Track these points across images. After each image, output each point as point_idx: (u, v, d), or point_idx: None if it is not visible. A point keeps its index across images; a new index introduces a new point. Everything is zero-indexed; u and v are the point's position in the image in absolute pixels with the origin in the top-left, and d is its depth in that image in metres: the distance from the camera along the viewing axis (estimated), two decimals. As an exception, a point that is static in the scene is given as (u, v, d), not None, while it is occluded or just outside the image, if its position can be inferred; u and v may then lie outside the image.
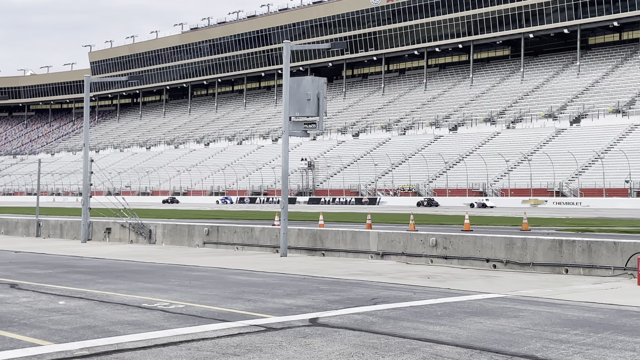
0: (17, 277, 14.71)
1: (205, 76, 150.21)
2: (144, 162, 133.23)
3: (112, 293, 12.31)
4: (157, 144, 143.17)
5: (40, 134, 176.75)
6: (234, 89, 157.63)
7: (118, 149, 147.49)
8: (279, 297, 11.97)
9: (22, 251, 22.02)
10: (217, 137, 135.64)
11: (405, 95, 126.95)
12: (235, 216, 47.96)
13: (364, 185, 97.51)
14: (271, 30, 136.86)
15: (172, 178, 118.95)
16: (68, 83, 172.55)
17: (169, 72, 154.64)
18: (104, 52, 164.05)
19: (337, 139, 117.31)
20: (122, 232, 25.95)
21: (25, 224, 30.30)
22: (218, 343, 8.22)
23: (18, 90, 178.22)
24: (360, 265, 17.42)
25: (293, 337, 8.55)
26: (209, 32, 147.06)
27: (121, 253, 21.25)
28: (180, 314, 10.18)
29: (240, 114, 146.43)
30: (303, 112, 20.08)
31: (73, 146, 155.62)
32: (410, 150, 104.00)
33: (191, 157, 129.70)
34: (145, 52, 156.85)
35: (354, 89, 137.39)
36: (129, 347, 7.98)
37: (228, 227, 23.09)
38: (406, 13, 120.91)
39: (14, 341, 8.25)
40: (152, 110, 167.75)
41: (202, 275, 15.37)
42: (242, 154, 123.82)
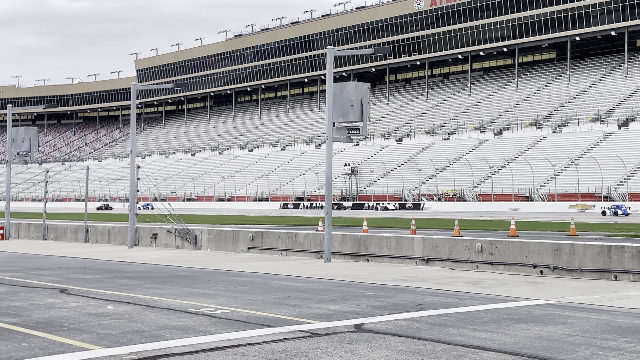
0: (66, 282, 14.95)
1: (248, 82, 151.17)
2: (189, 168, 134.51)
3: (159, 298, 12.45)
4: (202, 150, 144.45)
5: (88, 141, 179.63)
6: (277, 95, 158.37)
7: (164, 156, 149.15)
8: (324, 302, 11.98)
9: (71, 256, 22.37)
10: (261, 143, 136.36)
11: (449, 100, 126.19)
12: (279, 222, 48.15)
13: (408, 190, 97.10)
14: (314, 36, 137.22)
15: (216, 184, 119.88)
16: (115, 91, 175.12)
17: (213, 79, 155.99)
18: (149, 59, 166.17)
19: (380, 144, 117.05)
20: (168, 237, 26.22)
21: (74, 230, 30.80)
22: (264, 348, 8.25)
23: (67, 98, 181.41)
24: (405, 271, 17.34)
25: (338, 343, 8.55)
26: (252, 39, 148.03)
27: (167, 258, 21.47)
28: (226, 319, 10.25)
29: (283, 119, 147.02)
30: (347, 117, 20.08)
31: (120, 153, 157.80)
32: (455, 155, 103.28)
33: (235, 163, 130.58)
34: (190, 60, 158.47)
35: (397, 94, 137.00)
36: (176, 352, 8.06)
37: (272, 232, 23.18)
38: (450, 17, 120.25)
39: (64, 345, 8.40)
40: (197, 117, 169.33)
41: (247, 280, 15.45)
42: (285, 159, 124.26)
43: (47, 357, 7.79)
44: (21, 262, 20.30)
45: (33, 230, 32.97)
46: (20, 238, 33.00)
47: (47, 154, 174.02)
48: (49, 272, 17.19)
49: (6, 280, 15.47)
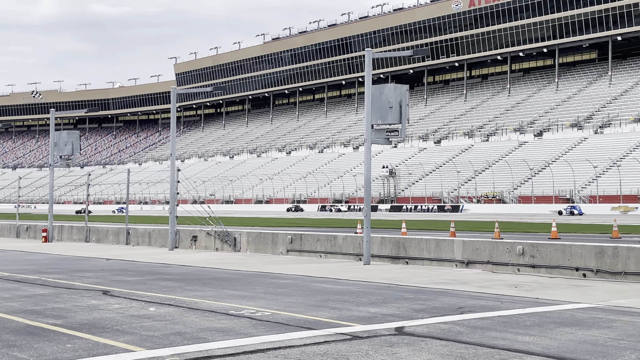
0: (108, 284, 15.13)
1: (286, 85, 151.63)
2: (227, 171, 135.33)
3: (200, 300, 12.53)
4: (240, 153, 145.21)
5: (128, 144, 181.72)
6: (314, 97, 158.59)
7: (202, 158, 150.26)
8: (364, 305, 11.96)
9: (113, 259, 22.64)
10: (299, 145, 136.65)
11: (488, 101, 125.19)
12: (317, 224, 48.19)
13: (447, 192, 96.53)
14: (351, 38, 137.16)
15: (254, 186, 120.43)
16: (154, 94, 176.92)
17: (251, 82, 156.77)
18: (188, 63, 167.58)
19: (418, 146, 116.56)
20: (207, 240, 26.40)
21: (115, 232, 31.17)
22: (305, 351, 8.26)
23: (107, 102, 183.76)
24: (445, 274, 17.23)
25: (379, 346, 8.53)
26: (290, 42, 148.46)
27: (207, 260, 21.61)
28: (266, 321, 10.28)
29: (321, 122, 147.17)
30: (385, 119, 20.03)
31: (159, 156, 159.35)
32: (494, 156, 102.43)
33: (273, 166, 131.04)
34: (228, 63, 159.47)
35: (435, 96, 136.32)
36: (218, 354, 8.10)
37: (311, 235, 23.20)
38: (488, 18, 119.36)
39: (107, 347, 8.49)
40: (235, 120, 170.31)
41: (287, 283, 15.48)
42: (323, 162, 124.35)
43: (92, 358, 7.88)
44: (64, 264, 20.60)
45: (75, 232, 33.44)
46: (63, 240, 33.50)
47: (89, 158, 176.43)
48: (92, 274, 17.41)
49: (50, 282, 15.71)
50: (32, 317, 10.71)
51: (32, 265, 20.15)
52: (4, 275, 17.17)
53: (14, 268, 19.24)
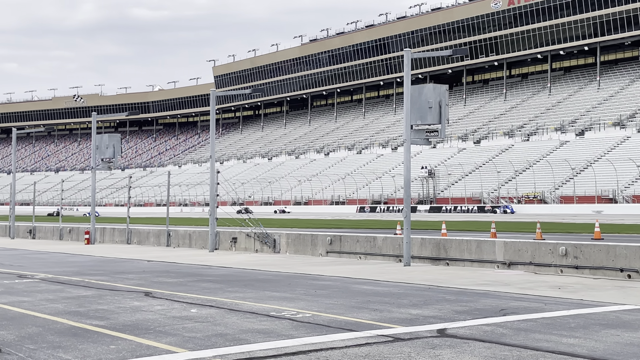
0: (150, 286, 15.27)
1: (324, 87, 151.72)
2: (266, 173, 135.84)
3: (240, 302, 12.58)
4: (279, 155, 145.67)
5: (168, 146, 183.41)
6: (352, 98, 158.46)
7: (241, 160, 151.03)
8: (405, 307, 11.89)
9: (154, 260, 22.85)
10: (337, 146, 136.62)
11: (529, 100, 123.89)
12: (356, 225, 48.12)
13: (487, 193, 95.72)
14: (389, 39, 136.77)
15: (293, 188, 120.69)
16: (193, 97, 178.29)
17: (289, 83, 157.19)
18: (226, 66, 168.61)
19: (457, 147, 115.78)
20: (247, 241, 26.51)
21: (156, 234, 31.46)
22: (347, 353, 8.24)
23: (147, 105, 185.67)
24: (486, 275, 17.08)
25: (421, 348, 8.47)
26: (327, 43, 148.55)
27: (247, 262, 21.70)
28: (307, 322, 10.28)
29: (359, 123, 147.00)
30: (425, 120, 19.92)
31: (199, 158, 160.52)
32: (535, 156, 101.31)
33: (311, 167, 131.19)
34: (266, 65, 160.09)
35: (474, 96, 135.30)
36: (260, 356, 8.12)
37: (350, 236, 23.18)
38: (528, 16, 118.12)
39: (150, 348, 8.56)
40: (273, 122, 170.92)
41: (327, 284, 15.47)
42: (361, 163, 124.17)
43: (135, 359, 7.95)
44: (106, 266, 20.85)
45: (117, 234, 33.83)
46: (105, 242, 33.91)
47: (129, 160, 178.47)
48: (134, 276, 17.59)
49: (93, 283, 15.91)
50: (76, 318, 10.84)
51: (75, 267, 20.43)
52: (48, 277, 17.44)
53: (57, 270, 19.52)
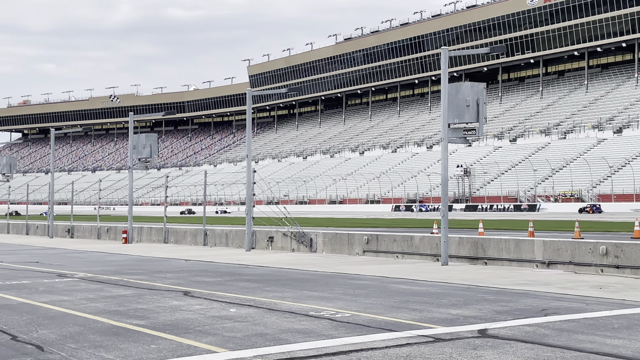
0: (189, 285, 15.34)
1: (359, 85, 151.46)
2: (301, 172, 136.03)
3: (279, 301, 12.58)
4: (313, 154, 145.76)
5: (203, 146, 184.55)
6: (387, 97, 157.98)
7: (276, 159, 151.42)
8: (445, 307, 11.80)
9: (192, 259, 22.97)
10: (372, 145, 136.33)
11: (565, 98, 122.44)
12: (392, 224, 47.96)
13: (523, 191, 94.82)
14: (424, 37, 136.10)
15: (328, 187, 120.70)
16: (228, 97, 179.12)
17: (323, 82, 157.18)
18: (261, 65, 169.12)
19: (493, 145, 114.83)
20: (284, 240, 26.54)
21: (193, 233, 31.64)
22: (387, 353, 8.18)
23: (182, 105, 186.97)
24: (526, 275, 16.89)
25: (463, 349, 8.38)
26: (362, 42, 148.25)
27: (284, 261, 21.73)
28: (347, 322, 10.24)
29: (394, 121, 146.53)
30: (462, 118, 19.77)
31: (234, 157, 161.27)
32: (572, 154, 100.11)
33: (346, 166, 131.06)
34: (300, 64, 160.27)
35: (510, 93, 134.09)
36: (300, 356, 8.10)
37: (387, 235, 23.09)
38: (565, 13, 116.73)
39: (191, 348, 8.59)
40: (308, 121, 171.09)
41: (365, 284, 15.42)
42: (396, 161, 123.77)
43: (176, 359, 7.98)
44: (145, 265, 21.00)
45: (154, 233, 34.09)
46: (143, 242, 34.19)
47: (165, 160, 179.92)
48: (172, 275, 17.69)
49: (132, 283, 16.03)
50: (116, 317, 10.93)
51: (114, 266, 20.61)
52: (88, 276, 17.61)
53: (96, 269, 19.72)
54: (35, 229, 45.26)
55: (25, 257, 24.89)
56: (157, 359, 8.00)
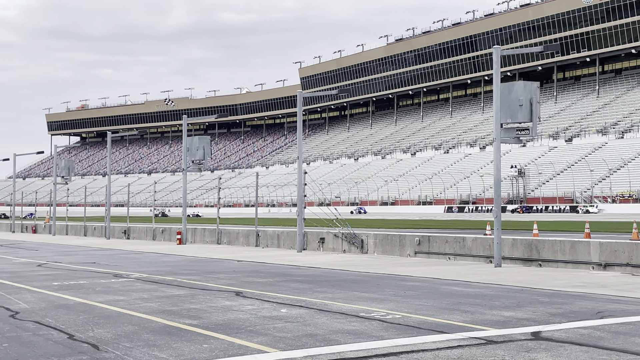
0: (240, 286, 15.47)
1: (410, 86, 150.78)
2: (352, 173, 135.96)
3: (330, 302, 12.59)
4: (365, 155, 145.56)
5: (255, 148, 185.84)
6: (439, 97, 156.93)
7: (327, 161, 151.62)
8: (497, 309, 11.67)
9: (244, 260, 23.15)
10: (424, 146, 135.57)
11: (623, 97, 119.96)
12: (444, 225, 47.61)
13: (579, 192, 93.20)
14: (476, 36, 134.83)
15: (379, 188, 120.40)
16: (280, 99, 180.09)
17: (374, 83, 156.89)
18: (312, 67, 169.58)
19: (548, 145, 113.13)
20: (335, 241, 26.56)
21: (245, 235, 31.88)
22: (438, 355, 8.13)
23: (235, 107, 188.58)
24: (581, 277, 16.60)
25: (516, 351, 8.28)
26: (413, 42, 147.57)
27: (335, 262, 21.74)
28: (397, 324, 10.20)
29: (446, 122, 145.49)
30: (515, 118, 19.53)
31: (285, 159, 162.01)
32: (630, 154, 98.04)
33: (398, 167, 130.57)
34: (351, 65, 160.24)
35: (565, 93, 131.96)
36: (350, 357, 8.09)
37: (439, 236, 22.93)
38: (621, 10, 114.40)
39: (242, 347, 8.65)
40: (359, 122, 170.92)
41: (416, 285, 15.34)
42: (448, 162, 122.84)
43: (228, 358, 8.05)
44: (198, 266, 21.24)
45: (207, 235, 34.45)
46: (196, 243, 34.57)
47: (218, 162, 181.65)
48: (224, 276, 17.85)
49: (185, 283, 16.22)
50: (169, 317, 11.07)
51: (168, 267, 20.89)
52: (143, 277, 17.88)
53: (151, 270, 20.01)
54: (92, 230, 46.14)
55: (83, 258, 25.39)
56: (209, 358, 8.09)
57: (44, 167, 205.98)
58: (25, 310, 12.04)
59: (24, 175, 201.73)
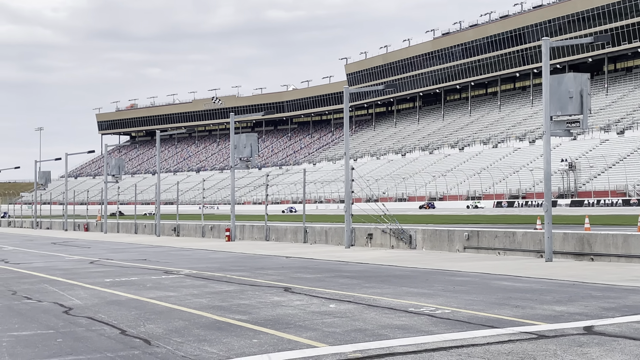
0: (289, 281, 15.53)
1: (457, 80, 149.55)
2: (399, 169, 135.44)
3: (378, 297, 12.57)
4: (412, 151, 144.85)
5: (302, 145, 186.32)
6: (487, 91, 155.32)
7: (374, 157, 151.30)
8: (548, 303, 11.52)
9: (292, 256, 23.24)
10: (472, 141, 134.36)
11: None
12: (493, 220, 47.15)
13: (632, 185, 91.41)
14: (525, 29, 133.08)
15: (427, 184, 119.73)
16: (326, 95, 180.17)
17: (421, 78, 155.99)
18: (358, 63, 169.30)
19: (599, 138, 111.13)
20: (383, 237, 26.50)
21: (293, 231, 32.00)
22: (489, 350, 8.05)
23: (282, 104, 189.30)
24: (635, 271, 16.29)
25: (568, 346, 8.16)
26: (460, 36, 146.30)
27: (383, 258, 21.69)
28: (447, 319, 10.14)
29: (494, 116, 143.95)
30: (565, 110, 19.23)
31: (333, 156, 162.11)
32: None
33: (446, 162, 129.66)
34: (398, 61, 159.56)
35: (616, 84, 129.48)
36: (399, 352, 8.07)
37: (488, 231, 22.71)
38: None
39: (291, 342, 8.69)
40: (406, 117, 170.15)
41: (466, 280, 15.22)
42: (497, 157, 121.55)
43: (277, 353, 8.10)
44: (247, 262, 21.39)
45: (256, 231, 34.67)
46: (245, 239, 34.82)
47: (266, 159, 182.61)
48: (273, 272, 17.95)
49: (235, 279, 16.36)
50: (219, 312, 11.17)
51: (217, 263, 21.08)
52: (193, 273, 18.08)
53: (201, 266, 20.22)
54: (143, 228, 46.79)
55: (134, 255, 25.78)
56: (259, 353, 8.14)
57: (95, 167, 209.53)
58: (79, 306, 12.27)
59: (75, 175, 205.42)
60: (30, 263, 22.76)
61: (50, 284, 15.88)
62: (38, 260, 24.27)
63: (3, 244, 36.46)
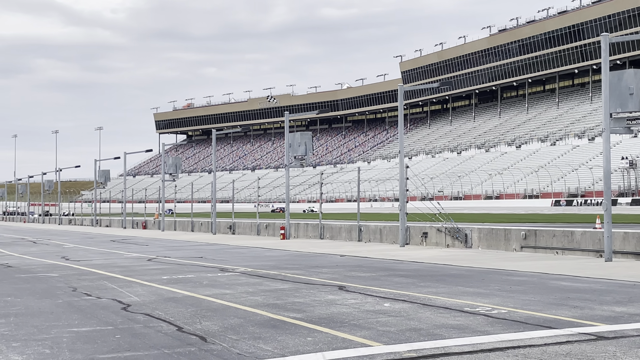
0: (343, 280, 15.53)
1: (514, 77, 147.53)
2: (454, 167, 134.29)
3: (433, 296, 12.49)
4: (468, 149, 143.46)
5: (356, 143, 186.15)
6: (545, 88, 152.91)
7: (429, 155, 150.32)
8: (608, 304, 11.29)
9: (346, 255, 23.24)
10: (529, 138, 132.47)
11: None
12: (551, 219, 46.44)
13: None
14: (583, 24, 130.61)
15: (483, 182, 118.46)
16: (381, 93, 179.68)
17: (477, 75, 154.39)
18: (413, 61, 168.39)
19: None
20: (438, 236, 26.32)
21: (348, 229, 32.00)
22: (546, 350, 7.93)
23: (336, 103, 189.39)
24: (699, 272, 15.86)
25: (628, 347, 7.99)
26: (517, 33, 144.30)
27: (438, 257, 21.54)
28: (503, 319, 10.02)
29: (552, 113, 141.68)
30: (625, 107, 18.82)
31: (387, 154, 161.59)
32: None
33: (502, 160, 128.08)
34: (453, 58, 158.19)
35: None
36: (455, 351, 8.00)
37: (546, 230, 22.37)
38: None
39: (345, 341, 8.69)
40: (461, 115, 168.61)
41: (523, 280, 15.02)
42: (555, 155, 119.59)
43: (331, 351, 8.10)
44: (301, 260, 21.46)
45: (310, 229, 34.78)
46: (299, 237, 34.96)
47: (320, 157, 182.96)
48: (327, 270, 17.97)
49: (289, 277, 16.43)
50: (274, 310, 11.24)
51: (272, 262, 21.20)
52: (248, 271, 18.22)
53: (256, 264, 20.36)
54: (199, 226, 47.35)
55: (191, 253, 26.10)
56: (313, 351, 8.16)
57: (152, 165, 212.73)
58: (137, 303, 12.47)
59: (134, 173, 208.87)
60: (90, 260, 23.22)
61: (109, 281, 16.19)
62: (97, 257, 24.76)
63: (64, 242, 37.32)
